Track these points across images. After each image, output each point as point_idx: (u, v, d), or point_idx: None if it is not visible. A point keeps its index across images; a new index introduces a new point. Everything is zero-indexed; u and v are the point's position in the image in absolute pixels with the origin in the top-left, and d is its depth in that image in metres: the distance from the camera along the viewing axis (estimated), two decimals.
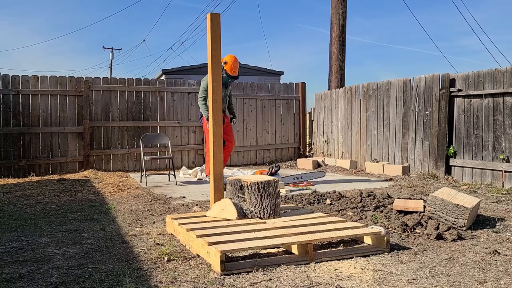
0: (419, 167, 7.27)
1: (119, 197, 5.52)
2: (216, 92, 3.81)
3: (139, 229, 3.76)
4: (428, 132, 7.10)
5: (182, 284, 2.42)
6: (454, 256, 2.89)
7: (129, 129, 8.58)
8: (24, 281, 2.47)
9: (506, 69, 6.00)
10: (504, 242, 3.24)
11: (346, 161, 8.71)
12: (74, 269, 2.68)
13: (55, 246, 3.21)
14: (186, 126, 9.05)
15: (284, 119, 10.08)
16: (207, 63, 3.86)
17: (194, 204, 4.85)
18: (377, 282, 2.41)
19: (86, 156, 8.15)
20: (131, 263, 2.80)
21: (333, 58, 10.41)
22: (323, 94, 9.93)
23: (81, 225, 3.93)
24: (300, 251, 2.87)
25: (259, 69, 17.83)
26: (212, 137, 3.80)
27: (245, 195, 3.50)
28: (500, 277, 2.49)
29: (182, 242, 3.23)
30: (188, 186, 6.52)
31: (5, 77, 7.72)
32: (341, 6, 10.23)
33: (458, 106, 6.69)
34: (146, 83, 8.79)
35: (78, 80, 8.24)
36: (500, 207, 4.55)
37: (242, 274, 2.55)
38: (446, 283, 2.40)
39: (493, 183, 6.09)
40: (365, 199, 4.54)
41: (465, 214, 3.50)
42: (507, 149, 5.96)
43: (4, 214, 4.46)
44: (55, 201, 5.20)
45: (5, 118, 7.69)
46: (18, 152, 7.74)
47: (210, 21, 3.75)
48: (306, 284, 2.38)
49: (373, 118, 8.28)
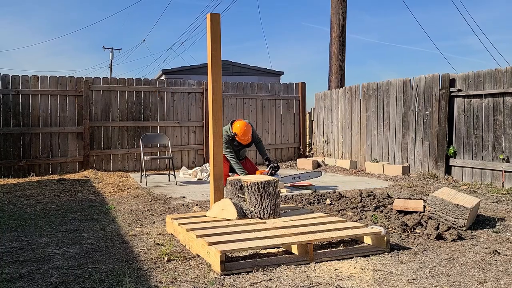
0: (419, 167, 7.27)
1: (119, 197, 5.52)
2: (216, 92, 3.81)
3: (139, 229, 3.76)
4: (428, 132, 7.10)
5: (182, 284, 2.42)
6: (454, 256, 2.89)
7: (129, 129, 8.58)
8: (24, 281, 2.47)
9: (506, 69, 6.01)
10: (504, 242, 3.24)
11: (346, 161, 8.71)
12: (74, 269, 2.68)
13: (55, 246, 3.21)
14: (186, 126, 9.05)
15: (284, 119, 10.08)
16: (207, 63, 3.86)
17: (194, 204, 4.85)
18: (377, 282, 2.41)
19: (86, 156, 8.15)
20: (131, 263, 2.80)
21: (333, 58, 10.41)
22: (323, 94, 9.93)
23: (81, 225, 3.93)
24: (300, 251, 2.87)
25: (259, 69, 17.83)
26: (212, 137, 3.79)
27: (245, 195, 3.50)
28: (500, 277, 2.49)
29: (182, 242, 3.23)
30: (188, 186, 6.52)
31: (5, 77, 7.72)
32: (341, 6, 10.23)
33: (458, 106, 6.69)
34: (146, 83, 8.80)
35: (78, 80, 8.25)
36: (500, 207, 4.55)
37: (242, 274, 2.55)
38: (446, 283, 2.40)
39: (493, 183, 6.09)
40: (365, 199, 4.54)
41: (465, 214, 3.50)
42: (507, 149, 5.96)
43: (4, 214, 4.46)
44: (55, 201, 5.20)
45: (5, 118, 7.69)
46: (18, 152, 7.74)
47: (210, 21, 3.75)
48: (306, 284, 2.38)
49: (373, 118, 8.28)
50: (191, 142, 9.12)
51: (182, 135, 9.03)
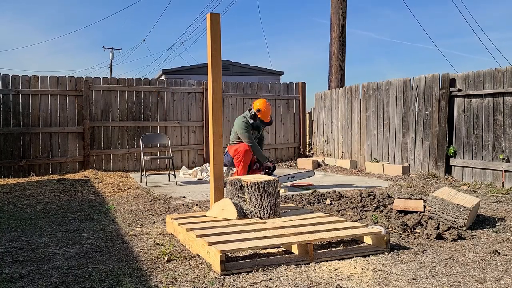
0: (419, 167, 7.27)
1: (119, 197, 5.52)
2: (216, 92, 3.81)
3: (139, 229, 3.76)
4: (428, 132, 7.10)
5: (182, 284, 2.42)
6: (454, 256, 2.89)
7: (129, 129, 8.59)
8: (24, 281, 2.47)
9: (506, 69, 6.00)
10: (504, 242, 3.24)
11: (346, 161, 8.71)
12: (74, 269, 2.68)
13: (55, 246, 3.21)
14: (186, 126, 9.06)
15: (284, 119, 10.08)
16: (207, 63, 3.86)
17: (194, 204, 4.85)
18: (377, 282, 2.41)
19: (86, 156, 8.15)
20: (131, 263, 2.80)
21: (333, 58, 10.41)
22: (323, 94, 9.93)
23: (81, 225, 3.93)
24: (300, 251, 2.87)
25: (259, 69, 17.83)
26: (212, 137, 3.79)
27: (245, 195, 3.50)
28: (500, 277, 2.49)
29: (182, 242, 3.23)
30: (188, 186, 6.52)
31: (5, 77, 7.72)
32: (341, 6, 10.23)
33: (458, 106, 6.69)
34: (146, 83, 8.80)
35: (78, 80, 8.25)
36: (500, 207, 4.55)
37: (242, 274, 2.55)
38: (446, 283, 2.40)
39: (493, 183, 6.09)
40: (365, 199, 4.54)
41: (465, 214, 3.50)
42: (507, 149, 5.96)
43: (4, 214, 4.46)
44: (55, 201, 5.20)
45: (5, 118, 7.69)
46: (18, 152, 7.74)
47: (210, 21, 3.74)
48: (306, 284, 2.38)
49: (373, 118, 8.28)
50: (191, 142, 9.12)
51: (182, 135, 9.03)
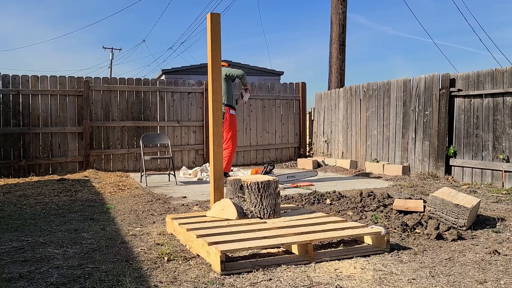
0: (419, 167, 7.27)
1: (119, 197, 5.52)
2: (216, 92, 3.81)
3: (139, 229, 3.76)
4: (428, 132, 7.10)
5: (182, 284, 2.42)
6: (454, 256, 2.89)
7: (129, 129, 8.59)
8: (24, 281, 2.47)
9: (506, 69, 6.00)
10: (504, 242, 3.24)
11: (346, 161, 8.71)
12: (74, 269, 2.67)
13: (55, 246, 3.21)
14: (186, 126, 9.05)
15: (284, 119, 10.08)
16: (207, 63, 3.86)
17: (194, 204, 4.85)
18: (377, 282, 2.41)
19: (86, 156, 8.15)
20: (131, 263, 2.80)
21: (333, 58, 10.41)
22: (323, 94, 9.93)
23: (81, 225, 3.93)
24: (300, 251, 2.87)
25: (259, 69, 17.83)
26: (212, 137, 3.80)
27: (245, 195, 3.50)
28: (500, 277, 2.49)
29: (182, 242, 3.23)
30: (188, 186, 6.52)
31: (5, 77, 7.72)
32: (341, 6, 10.23)
33: (458, 106, 6.69)
34: (146, 83, 8.80)
35: (78, 80, 8.25)
36: (500, 207, 4.55)
37: (242, 274, 2.55)
38: (446, 283, 2.40)
39: (493, 183, 6.09)
40: (365, 199, 4.54)
41: (465, 214, 3.50)
42: (507, 149, 5.96)
43: (4, 214, 4.46)
44: (55, 201, 5.20)
45: (5, 118, 7.69)
46: (18, 152, 7.74)
47: (210, 21, 3.75)
48: (306, 284, 2.38)
49: (373, 118, 8.28)
50: (191, 142, 9.12)
51: (182, 135, 9.03)
